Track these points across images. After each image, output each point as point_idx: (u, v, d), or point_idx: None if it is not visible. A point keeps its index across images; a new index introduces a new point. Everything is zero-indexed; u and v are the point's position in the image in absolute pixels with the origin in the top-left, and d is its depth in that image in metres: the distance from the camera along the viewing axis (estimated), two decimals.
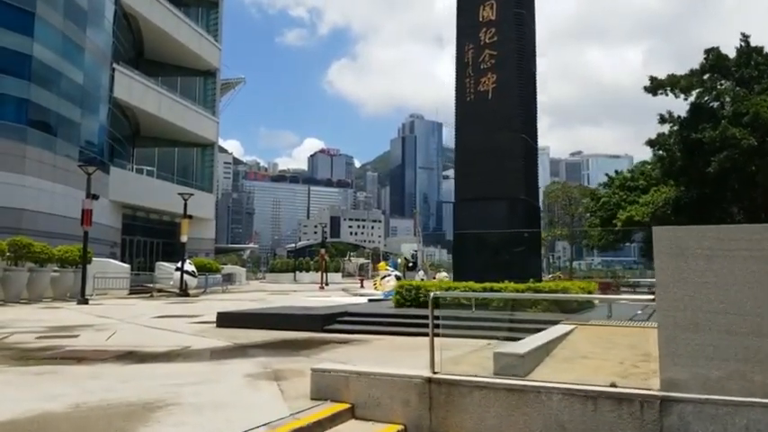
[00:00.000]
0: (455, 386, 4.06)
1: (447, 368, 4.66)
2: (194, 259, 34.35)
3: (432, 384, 4.15)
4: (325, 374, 4.51)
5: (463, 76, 12.46)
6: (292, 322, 9.97)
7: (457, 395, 4.03)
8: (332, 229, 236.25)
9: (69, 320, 12.36)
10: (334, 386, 4.41)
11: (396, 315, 10.16)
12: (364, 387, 4.30)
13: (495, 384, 3.95)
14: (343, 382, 4.38)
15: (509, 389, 3.91)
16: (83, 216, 18.53)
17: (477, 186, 11.94)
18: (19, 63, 28.96)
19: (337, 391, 4.40)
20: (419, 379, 4.20)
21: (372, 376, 4.31)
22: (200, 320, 12.17)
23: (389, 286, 21.49)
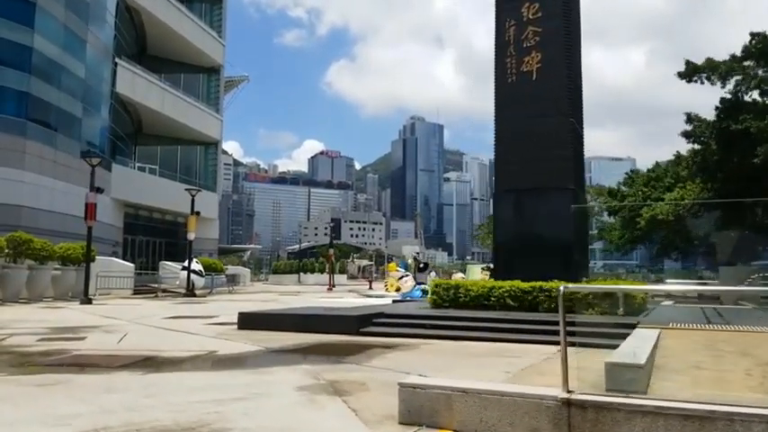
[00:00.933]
0: (606, 411, 3.00)
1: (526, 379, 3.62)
2: (200, 259, 33.30)
3: (571, 408, 3.09)
4: (417, 391, 3.46)
5: (503, 56, 11.41)
6: (323, 324, 8.91)
7: (609, 423, 2.97)
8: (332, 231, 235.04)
9: (73, 321, 11.29)
10: (432, 407, 3.36)
11: (436, 317, 9.10)
12: (474, 409, 3.25)
13: (666, 409, 2.89)
14: (444, 402, 3.34)
15: (686, 415, 2.85)
16: (86, 211, 17.46)
17: (521, 176, 10.89)
18: (19, 55, 27.91)
19: (436, 413, 3.35)
20: (551, 400, 3.14)
21: (484, 395, 3.26)
22: (216, 321, 11.11)
23: (408, 286, 20.49)
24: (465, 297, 10.23)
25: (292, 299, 22.19)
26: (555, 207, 10.62)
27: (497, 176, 11.43)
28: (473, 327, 8.45)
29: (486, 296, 10.04)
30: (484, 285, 10.21)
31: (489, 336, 8.00)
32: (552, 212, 10.61)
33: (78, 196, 30.51)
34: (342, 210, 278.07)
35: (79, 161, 31.05)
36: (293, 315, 9.35)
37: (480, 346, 7.50)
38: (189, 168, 48.65)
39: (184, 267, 23.55)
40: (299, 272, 58.33)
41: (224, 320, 11.48)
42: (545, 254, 10.58)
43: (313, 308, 11.69)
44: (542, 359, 6.32)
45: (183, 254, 45.55)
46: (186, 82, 47.13)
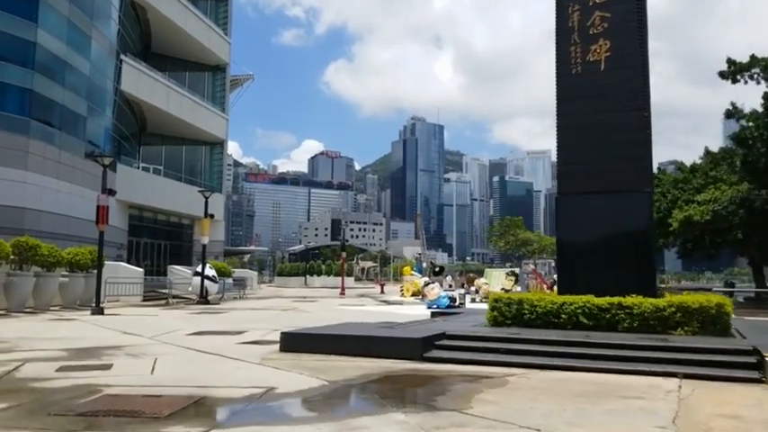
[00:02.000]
0: None
1: None
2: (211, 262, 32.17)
3: None
4: None
5: (566, 44, 10.30)
6: (381, 347, 7.78)
7: None
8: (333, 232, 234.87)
9: (91, 339, 10.16)
10: None
11: (507, 338, 7.97)
12: None
13: None
14: None
15: None
16: (98, 214, 16.32)
17: (589, 178, 9.77)
18: (22, 50, 26.77)
19: None
20: None
21: None
22: (250, 340, 9.98)
23: (434, 294, 19.39)
24: (530, 314, 9.11)
25: (311, 306, 21.09)
26: (630, 212, 9.51)
27: (560, 178, 10.30)
28: (555, 352, 7.34)
29: (556, 313, 8.93)
30: (552, 301, 9.09)
31: (581, 365, 6.89)
32: (627, 218, 9.50)
33: (82, 197, 29.42)
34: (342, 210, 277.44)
35: (83, 161, 29.94)
36: (345, 336, 8.21)
37: (577, 378, 6.39)
38: (193, 168, 47.54)
39: (197, 273, 22.41)
40: (306, 274, 57.26)
41: (257, 337, 10.36)
42: (618, 265, 9.47)
43: (359, 325, 10.56)
44: (677, 401, 5.21)
45: (189, 256, 44.60)
46: (191, 80, 46.01)
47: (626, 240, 9.46)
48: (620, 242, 9.50)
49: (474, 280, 31.83)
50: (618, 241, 9.51)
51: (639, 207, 9.54)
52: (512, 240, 54.93)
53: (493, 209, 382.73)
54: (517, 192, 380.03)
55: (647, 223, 9.62)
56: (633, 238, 9.48)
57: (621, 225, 9.53)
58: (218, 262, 36.10)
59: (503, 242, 55.51)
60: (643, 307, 8.50)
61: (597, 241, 9.68)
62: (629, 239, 9.47)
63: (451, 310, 19.25)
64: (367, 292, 39.80)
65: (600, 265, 9.61)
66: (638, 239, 9.49)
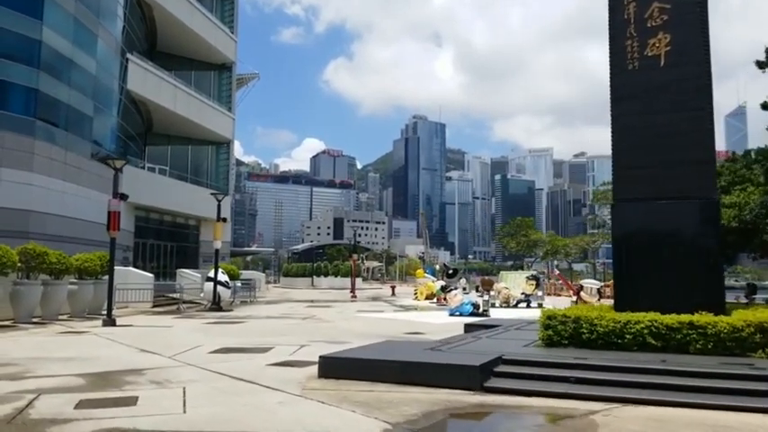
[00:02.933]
0: None
1: None
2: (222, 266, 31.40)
3: None
4: None
5: (622, 38, 9.49)
6: (433, 375, 6.98)
7: None
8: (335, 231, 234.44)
9: (107, 359, 9.38)
10: None
11: (578, 365, 7.14)
12: None
13: None
14: None
15: None
16: (109, 220, 15.55)
17: (650, 183, 8.97)
18: (27, 49, 25.99)
19: None
20: None
21: None
22: (280, 360, 9.19)
23: (456, 301, 18.62)
24: (590, 334, 8.31)
25: (327, 313, 20.32)
26: (696, 221, 8.72)
27: (616, 182, 9.49)
28: (634, 382, 6.55)
29: (620, 333, 8.12)
30: (614, 319, 8.28)
31: (673, 398, 6.10)
32: (693, 228, 8.71)
33: (88, 199, 28.69)
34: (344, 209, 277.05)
35: (89, 162, 29.21)
36: (390, 362, 7.39)
37: (678, 418, 5.59)
38: (198, 169, 46.80)
39: (209, 278, 21.63)
40: (313, 275, 56.50)
41: (287, 357, 9.57)
42: (683, 279, 8.68)
43: (399, 343, 9.77)
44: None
45: (195, 258, 43.86)
46: (197, 79, 45.28)
47: (692, 252, 8.67)
48: (685, 254, 8.70)
49: (491, 283, 31.00)
50: (683, 253, 8.71)
51: (706, 215, 8.74)
52: (523, 241, 53.99)
53: (495, 207, 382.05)
54: (519, 190, 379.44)
55: (715, 233, 8.82)
56: (700, 249, 8.69)
57: (687, 235, 8.73)
58: (227, 264, 35.31)
59: (514, 243, 54.55)
60: (719, 327, 7.70)
61: (660, 253, 8.88)
62: (695, 251, 8.67)
63: (465, 313, 18.48)
64: (378, 294, 39.04)
65: (663, 278, 8.81)
66: (705, 251, 8.69)
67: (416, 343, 9.75)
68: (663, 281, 8.80)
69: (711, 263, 8.70)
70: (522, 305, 23.78)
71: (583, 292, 19.76)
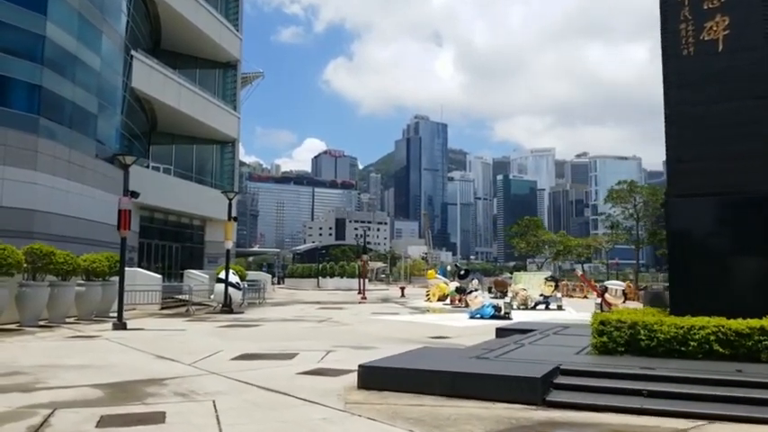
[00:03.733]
0: None
1: None
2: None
3: None
4: None
5: (675, 21, 8.84)
6: (486, 386, 6.33)
7: None
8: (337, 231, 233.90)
9: (123, 367, 8.73)
10: None
11: (646, 376, 6.49)
12: None
13: None
14: None
15: None
16: (119, 219, 14.91)
17: (710, 178, 8.32)
18: (31, 44, 25.36)
19: None
20: None
21: None
22: (310, 368, 8.54)
23: (477, 303, 17.98)
24: (649, 340, 7.65)
25: (342, 315, 19.67)
26: (763, 218, 8.06)
27: (671, 177, 8.85)
28: (717, 396, 5.90)
29: (682, 340, 7.47)
30: (675, 324, 7.62)
31: (763, 415, 5.45)
32: (758, 225, 8.05)
33: (93, 198, 28.08)
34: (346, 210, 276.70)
35: (94, 161, 28.59)
36: (438, 373, 6.74)
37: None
38: (203, 168, 46.19)
39: (219, 279, 20.99)
40: (318, 276, 55.84)
41: (315, 364, 8.92)
42: (751, 281, 8.03)
43: (437, 353, 9.13)
44: None
45: (200, 259, 43.22)
46: (201, 78, 44.65)
47: (761, 251, 8.01)
48: (753, 253, 8.05)
49: (504, 284, 30.34)
50: (750, 252, 8.06)
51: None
52: (533, 241, 53.19)
53: (497, 208, 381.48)
54: (521, 190, 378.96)
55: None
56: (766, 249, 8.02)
57: (754, 233, 8.07)
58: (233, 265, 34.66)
59: (524, 243, 53.75)
60: None
61: (722, 252, 8.24)
62: (761, 251, 8.01)
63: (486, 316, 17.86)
64: (386, 296, 38.39)
65: (727, 280, 8.16)
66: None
67: (455, 350, 9.10)
68: (727, 283, 8.15)
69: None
70: (540, 307, 23.15)
71: (608, 294, 19.10)
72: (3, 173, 23.31)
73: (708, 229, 8.45)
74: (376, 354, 10.00)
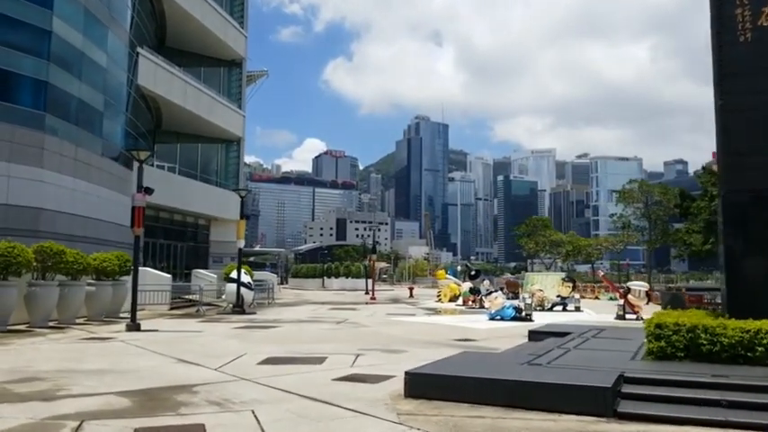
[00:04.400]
0: None
1: None
2: (231, 266, 30.27)
3: None
4: None
5: (731, 6, 8.35)
6: (552, 397, 5.85)
7: None
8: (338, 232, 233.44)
9: (146, 372, 8.25)
10: None
11: (721, 384, 6.00)
12: None
13: None
14: None
15: None
16: (133, 216, 14.42)
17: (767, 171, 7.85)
18: (38, 40, 24.82)
19: None
20: None
21: None
22: (344, 374, 8.05)
23: (497, 304, 17.49)
24: (711, 345, 7.16)
25: (357, 316, 19.18)
26: None
27: (725, 171, 8.36)
28: None
29: (748, 345, 6.98)
30: (741, 328, 7.13)
31: None
32: None
33: (99, 197, 27.56)
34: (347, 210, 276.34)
35: (100, 159, 28.09)
36: (499, 381, 6.25)
37: None
38: (207, 167, 45.70)
39: (230, 279, 20.48)
40: (323, 276, 55.34)
41: (349, 369, 8.43)
42: None
43: (484, 358, 8.64)
44: None
45: (205, 258, 42.73)
46: (206, 76, 44.14)
47: None
48: None
49: (516, 285, 29.81)
50: None
51: None
52: (542, 241, 52.63)
53: (497, 208, 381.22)
54: (521, 191, 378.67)
55: None
56: None
57: None
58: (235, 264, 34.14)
59: (532, 243, 53.17)
60: None
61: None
62: None
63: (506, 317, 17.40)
64: (395, 296, 37.90)
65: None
66: None
67: (498, 355, 8.61)
68: None
69: None
70: (557, 308, 22.65)
71: (630, 295, 18.60)
72: (8, 170, 22.80)
73: (764, 227, 7.95)
74: (406, 358, 9.52)
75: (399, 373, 7.91)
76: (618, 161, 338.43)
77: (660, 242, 41.40)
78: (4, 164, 22.61)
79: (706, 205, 28.15)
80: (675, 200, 34.85)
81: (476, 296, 24.22)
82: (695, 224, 29.70)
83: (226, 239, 44.93)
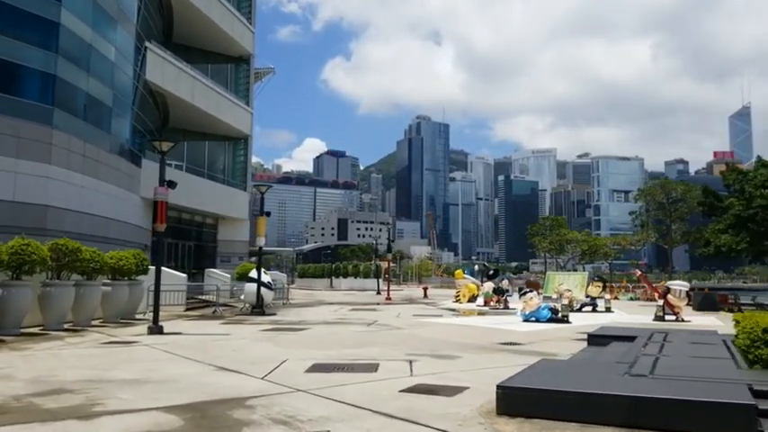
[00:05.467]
0: None
1: None
2: (244, 265, 29.43)
3: None
4: None
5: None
6: (679, 416, 4.99)
7: None
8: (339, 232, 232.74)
9: (184, 381, 7.38)
10: None
11: None
12: None
13: None
14: None
15: None
16: (155, 211, 13.56)
17: None
18: (46, 32, 23.96)
19: None
20: None
21: None
22: (412, 384, 7.18)
23: (533, 305, 16.64)
24: None
25: (381, 316, 18.34)
26: None
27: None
28: None
29: None
30: None
31: None
32: None
33: (107, 195, 26.73)
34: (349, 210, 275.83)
35: (108, 155, 27.23)
36: (614, 397, 5.39)
37: None
38: (214, 165, 44.84)
39: (250, 278, 19.61)
40: (331, 276, 54.50)
41: (416, 380, 7.54)
42: None
43: (553, 362, 7.78)
44: None
45: (213, 258, 41.85)
46: (213, 72, 43.30)
47: None
48: None
49: (536, 285, 28.91)
50: None
51: None
52: (557, 240, 51.65)
53: (498, 208, 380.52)
54: (522, 191, 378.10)
55: None
56: None
57: None
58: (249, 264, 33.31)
59: (547, 242, 52.20)
60: None
61: None
62: None
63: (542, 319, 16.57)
64: (408, 296, 37.07)
65: None
66: None
67: (584, 364, 7.74)
68: None
69: None
70: (586, 309, 21.78)
71: (670, 295, 17.74)
72: (16, 166, 21.97)
73: None
74: (465, 365, 8.71)
75: (471, 384, 7.08)
76: (619, 161, 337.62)
77: (682, 241, 40.53)
78: (11, 160, 21.77)
79: (737, 202, 27.26)
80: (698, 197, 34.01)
81: (499, 296, 23.35)
82: (722, 222, 28.86)
83: (233, 239, 44.14)
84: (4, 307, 12.03)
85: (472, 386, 6.91)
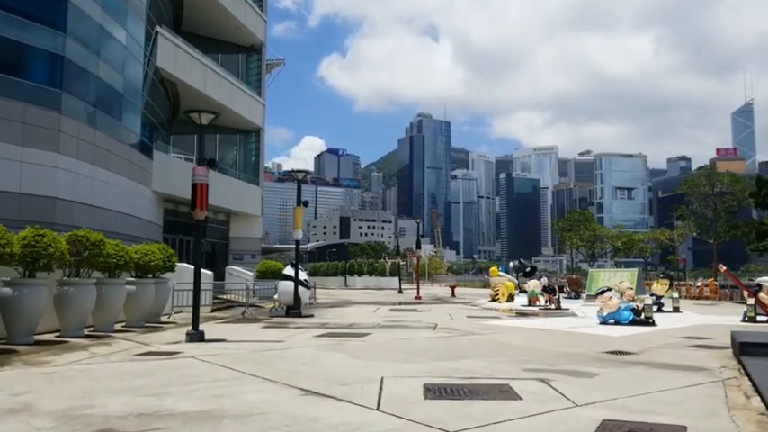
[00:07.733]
0: None
1: None
2: (265, 263, 27.50)
3: None
4: None
5: None
6: None
7: None
8: (341, 230, 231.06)
9: (277, 418, 5.39)
10: None
11: None
12: None
13: None
14: None
15: None
16: (194, 196, 11.59)
17: None
18: (53, 9, 22.01)
19: None
20: None
21: None
22: (583, 417, 5.22)
23: (612, 305, 14.69)
24: None
25: (434, 318, 16.34)
26: None
27: None
28: None
29: None
30: None
31: None
32: None
33: (119, 187, 24.80)
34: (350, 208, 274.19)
35: (119, 145, 25.30)
36: None
37: None
38: (225, 159, 42.87)
39: (287, 276, 17.61)
40: (345, 274, 52.65)
41: (586, 412, 5.57)
42: None
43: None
44: None
45: (225, 255, 39.87)
46: (224, 62, 41.33)
47: None
48: None
49: (579, 283, 27.01)
50: None
51: None
52: (586, 236, 49.33)
53: (499, 206, 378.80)
54: (524, 189, 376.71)
55: None
56: None
57: None
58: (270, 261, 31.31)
59: (576, 237, 49.87)
60: None
61: None
62: None
63: (622, 321, 14.64)
64: (434, 294, 35.14)
65: None
66: None
67: None
68: None
69: None
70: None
71: (762, 293, 15.83)
72: (22, 155, 20.04)
73: None
74: (615, 385, 6.75)
75: (664, 417, 5.11)
76: (622, 158, 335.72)
77: (729, 235, 38.42)
78: (17, 148, 19.82)
79: None
80: (748, 189, 32.06)
81: (551, 296, 21.38)
82: None
83: (246, 236, 42.23)
84: (15, 311, 10.09)
85: (666, 419, 4.96)
